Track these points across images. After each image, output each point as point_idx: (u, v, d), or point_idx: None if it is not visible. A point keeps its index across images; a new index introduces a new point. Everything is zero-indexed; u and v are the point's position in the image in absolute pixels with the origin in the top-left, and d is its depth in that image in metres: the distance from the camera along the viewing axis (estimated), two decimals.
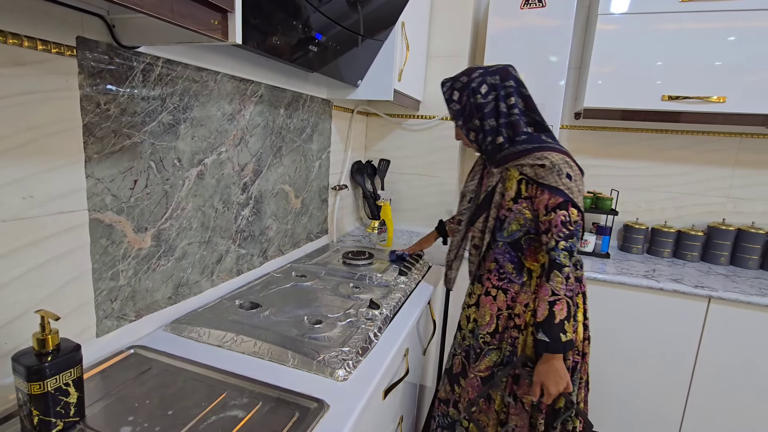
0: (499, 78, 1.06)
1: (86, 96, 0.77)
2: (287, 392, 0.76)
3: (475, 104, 1.06)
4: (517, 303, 1.09)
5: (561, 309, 0.96)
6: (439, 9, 1.97)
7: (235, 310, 1.07)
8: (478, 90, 1.06)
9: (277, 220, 1.45)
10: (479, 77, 1.07)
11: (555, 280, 0.98)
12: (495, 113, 1.06)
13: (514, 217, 1.07)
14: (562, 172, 0.98)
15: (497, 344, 1.12)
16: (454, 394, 1.23)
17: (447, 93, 1.13)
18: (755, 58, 1.52)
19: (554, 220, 0.98)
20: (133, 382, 0.78)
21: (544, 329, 0.97)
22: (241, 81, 1.19)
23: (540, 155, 1.01)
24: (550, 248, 0.99)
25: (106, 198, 0.83)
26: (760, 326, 1.46)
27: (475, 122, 1.08)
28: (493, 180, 1.11)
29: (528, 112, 1.07)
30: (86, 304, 0.83)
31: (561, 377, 0.98)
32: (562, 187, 0.98)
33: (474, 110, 1.07)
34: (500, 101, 1.05)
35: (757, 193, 1.84)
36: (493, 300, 1.13)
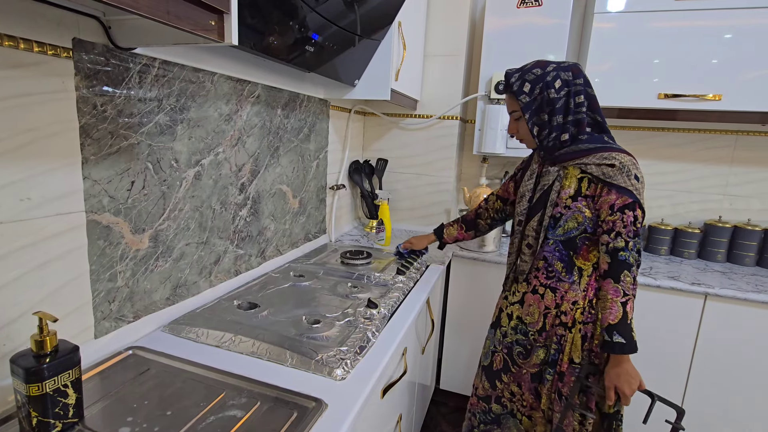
0: (571, 74, 1.04)
1: (83, 98, 0.77)
2: (285, 392, 0.76)
3: (547, 98, 1.04)
4: (565, 301, 1.08)
5: (631, 308, 0.98)
6: (435, 8, 1.97)
7: (234, 311, 1.07)
8: (552, 84, 1.03)
9: (275, 221, 1.46)
10: (554, 71, 1.04)
11: (625, 280, 0.98)
12: (564, 110, 1.04)
13: (572, 215, 1.05)
14: (630, 173, 0.99)
15: (543, 342, 1.12)
16: (496, 390, 1.22)
17: (517, 84, 1.07)
18: (751, 56, 1.53)
19: (624, 220, 0.98)
20: (131, 383, 0.79)
21: (619, 330, 0.97)
22: (238, 81, 1.19)
23: (608, 155, 1.01)
24: (620, 248, 0.98)
25: (103, 199, 0.84)
26: (757, 323, 1.46)
27: (543, 116, 1.05)
28: (549, 178, 1.08)
29: (590, 112, 1.06)
30: (84, 305, 0.83)
31: (633, 377, 0.99)
32: (631, 187, 0.98)
33: (545, 104, 1.05)
34: (571, 98, 1.03)
35: (753, 190, 1.85)
36: (540, 298, 1.12)
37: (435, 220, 2.14)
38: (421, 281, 1.44)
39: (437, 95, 2.04)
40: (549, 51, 1.77)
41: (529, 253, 1.13)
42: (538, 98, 1.05)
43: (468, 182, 2.22)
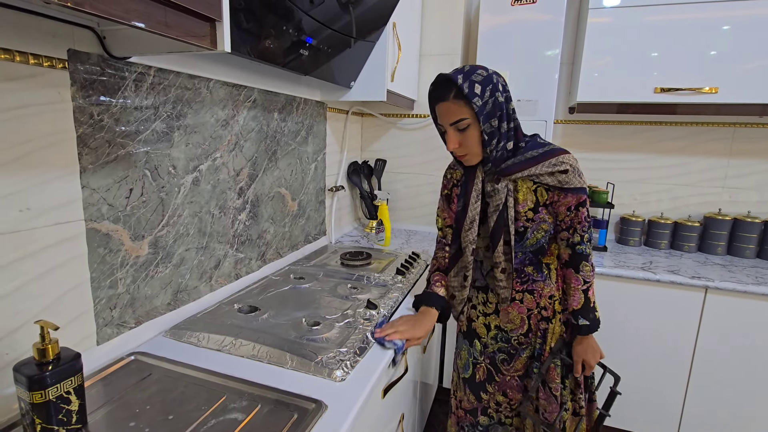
0: (503, 78, 1.00)
1: (79, 108, 0.78)
2: (286, 394, 0.77)
3: (497, 102, 0.96)
4: (543, 297, 1.10)
5: (592, 293, 1.07)
6: (430, 8, 1.97)
7: (234, 314, 1.08)
8: (498, 87, 0.96)
9: (275, 224, 1.46)
10: (495, 74, 0.98)
11: (584, 269, 1.06)
12: (507, 116, 0.99)
13: (537, 227, 1.04)
14: (580, 172, 1.02)
15: (529, 342, 1.14)
16: (482, 402, 1.21)
17: (468, 85, 0.94)
18: (748, 48, 1.52)
19: (579, 216, 1.03)
20: (134, 388, 0.80)
21: (582, 314, 1.06)
22: (234, 87, 1.20)
23: (555, 161, 0.99)
24: (577, 242, 1.05)
25: (102, 207, 0.85)
26: (757, 315, 1.46)
27: (494, 122, 0.97)
28: (500, 196, 1.02)
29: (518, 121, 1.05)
30: (86, 312, 0.84)
31: (596, 350, 1.10)
32: (583, 185, 1.02)
33: (496, 109, 0.97)
34: (509, 104, 0.99)
35: (752, 182, 1.85)
36: (520, 303, 1.11)
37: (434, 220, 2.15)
38: (420, 281, 1.45)
39: None
40: (544, 48, 1.77)
41: (505, 278, 1.08)
42: (489, 102, 0.95)
43: None
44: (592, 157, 2.04)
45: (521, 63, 1.82)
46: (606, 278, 1.61)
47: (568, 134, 2.06)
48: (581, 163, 1.25)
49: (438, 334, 1.86)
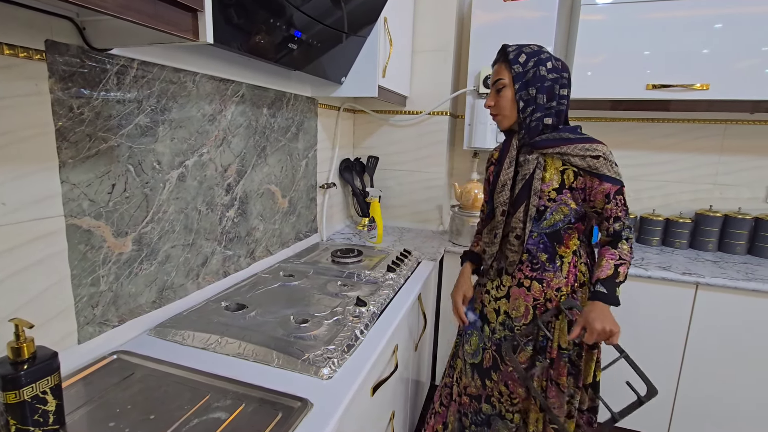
0: (561, 65, 1.06)
1: (58, 100, 0.76)
2: (271, 392, 0.76)
3: (538, 74, 1.03)
4: (550, 289, 1.11)
5: (623, 272, 1.03)
6: (422, 4, 1.96)
7: (221, 312, 1.07)
8: (545, 63, 1.04)
9: (264, 221, 1.45)
10: (548, 54, 1.06)
11: (622, 247, 1.05)
12: (550, 93, 1.04)
13: (558, 208, 1.07)
14: (612, 162, 1.04)
15: (532, 333, 1.14)
16: (486, 389, 1.21)
17: (514, 53, 1.06)
18: (739, 45, 1.52)
19: (618, 205, 1.04)
20: (115, 388, 0.78)
21: (604, 283, 1.02)
22: (221, 81, 1.18)
23: (589, 147, 1.03)
24: (619, 229, 1.05)
25: (83, 203, 0.83)
26: (747, 310, 1.47)
27: (531, 91, 1.04)
28: (529, 167, 1.07)
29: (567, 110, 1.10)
30: (66, 310, 0.82)
31: (606, 319, 1.00)
32: (616, 176, 1.03)
33: (535, 79, 1.03)
34: (556, 85, 1.04)
35: (743, 179, 1.85)
36: (527, 291, 1.13)
37: (427, 217, 2.14)
38: (412, 278, 1.44)
39: (426, 91, 2.04)
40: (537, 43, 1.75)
41: (518, 244, 1.12)
42: (530, 71, 1.04)
43: (459, 178, 2.21)
44: None
45: None
46: None
47: None
48: None
49: (431, 332, 1.85)
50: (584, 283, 1.12)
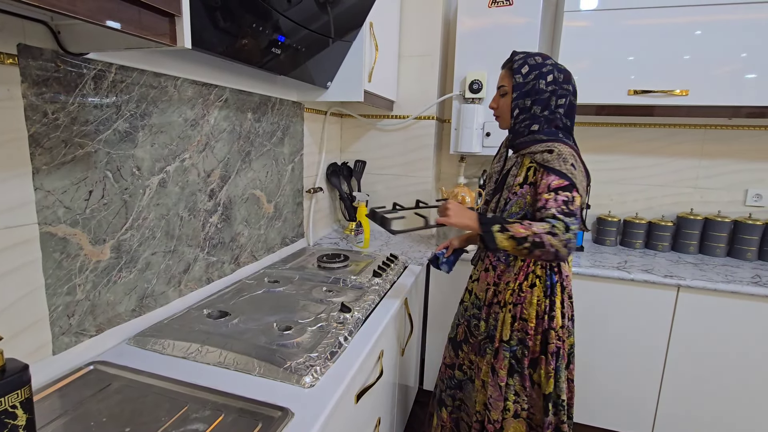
0: (563, 78, 1.12)
1: (31, 105, 0.75)
2: (251, 402, 0.75)
3: (537, 87, 1.10)
4: (501, 281, 1.18)
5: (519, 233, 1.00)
6: (408, 9, 1.97)
7: (203, 320, 1.05)
8: (545, 76, 1.10)
9: (249, 226, 1.43)
10: (551, 66, 1.11)
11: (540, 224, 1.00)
12: (545, 104, 1.11)
13: (516, 200, 1.13)
14: (567, 160, 1.05)
15: (485, 317, 1.22)
16: (458, 358, 1.33)
17: (519, 62, 1.13)
18: (718, 52, 1.56)
19: (557, 199, 1.02)
20: (91, 400, 0.76)
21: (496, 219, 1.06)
22: (204, 86, 1.16)
23: (550, 145, 1.08)
24: (548, 216, 1.01)
25: (58, 210, 0.81)
26: (727, 311, 1.50)
27: (527, 102, 1.12)
28: (509, 164, 1.19)
29: (565, 117, 1.14)
30: (40, 321, 0.80)
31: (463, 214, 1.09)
32: (566, 172, 1.04)
33: (533, 92, 1.11)
34: (554, 96, 1.10)
35: (722, 183, 1.89)
36: (486, 275, 1.23)
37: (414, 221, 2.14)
38: (398, 282, 1.44)
39: (413, 96, 2.04)
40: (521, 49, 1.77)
41: None
42: (530, 83, 1.11)
43: (446, 182, 2.22)
44: None
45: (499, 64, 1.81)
46: (582, 278, 1.62)
47: None
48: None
49: (418, 336, 1.85)
50: (535, 284, 1.12)
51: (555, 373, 1.13)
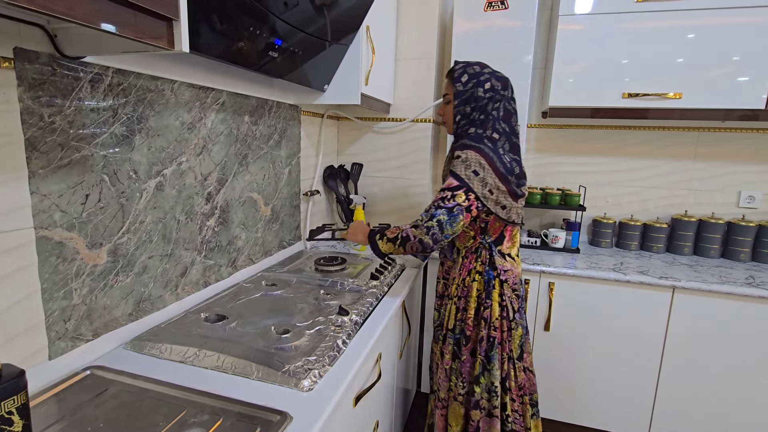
0: (501, 85, 1.21)
1: (27, 109, 0.74)
2: (249, 406, 0.75)
3: (475, 95, 1.21)
4: (450, 276, 1.32)
5: (392, 234, 1.22)
6: (405, 12, 1.98)
7: (200, 324, 1.05)
8: (482, 84, 1.21)
9: (246, 229, 1.43)
10: (488, 75, 1.22)
11: (410, 223, 1.21)
12: (483, 110, 1.21)
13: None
14: (470, 166, 1.15)
15: (437, 307, 1.38)
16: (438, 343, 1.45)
17: (459, 71, 1.24)
18: (710, 56, 1.58)
19: (438, 195, 1.17)
20: (87, 405, 0.75)
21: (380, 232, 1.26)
22: (201, 89, 1.16)
23: (463, 151, 1.17)
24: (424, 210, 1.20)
25: (54, 214, 0.80)
26: (722, 312, 1.51)
27: (467, 109, 1.23)
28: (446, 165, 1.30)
29: (500, 122, 1.22)
30: (36, 325, 0.79)
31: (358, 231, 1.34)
32: (463, 176, 1.15)
33: (471, 99, 1.22)
34: (491, 102, 1.20)
35: (716, 185, 1.91)
36: (439, 270, 1.38)
37: None
38: (395, 285, 1.44)
39: (410, 98, 2.05)
40: (517, 53, 1.79)
41: None
42: (469, 91, 1.22)
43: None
44: (565, 160, 2.08)
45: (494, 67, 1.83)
46: (579, 280, 1.63)
47: (542, 138, 2.09)
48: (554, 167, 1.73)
49: (415, 339, 1.85)
50: (475, 279, 1.24)
51: (487, 360, 1.23)
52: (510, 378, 1.26)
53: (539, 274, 1.68)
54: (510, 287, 1.25)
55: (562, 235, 1.89)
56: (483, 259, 1.24)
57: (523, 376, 1.29)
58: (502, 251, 1.25)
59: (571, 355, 1.70)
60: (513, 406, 1.26)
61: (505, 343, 1.24)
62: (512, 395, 1.26)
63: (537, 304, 1.70)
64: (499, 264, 1.24)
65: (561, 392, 1.74)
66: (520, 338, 1.27)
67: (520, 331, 1.27)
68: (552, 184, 2.10)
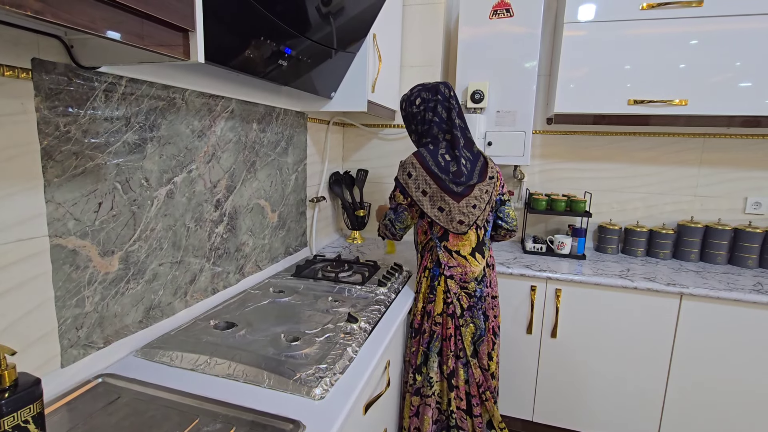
0: (430, 94, 1.32)
1: (44, 119, 0.75)
2: (262, 414, 0.75)
3: (411, 113, 1.36)
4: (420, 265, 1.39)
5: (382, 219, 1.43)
6: (410, 20, 1.99)
7: (210, 331, 1.05)
8: (414, 102, 1.35)
9: (254, 236, 1.43)
10: (417, 92, 1.35)
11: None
12: (422, 122, 1.34)
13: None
14: (405, 169, 1.29)
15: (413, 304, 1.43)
16: None
17: (400, 102, 1.42)
18: (714, 62, 1.58)
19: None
20: (100, 413, 0.75)
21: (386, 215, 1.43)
22: (211, 97, 1.17)
23: (410, 155, 1.30)
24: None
25: (68, 222, 0.81)
26: (730, 319, 1.50)
27: (411, 126, 1.39)
28: None
29: (447, 122, 1.31)
30: (49, 333, 0.80)
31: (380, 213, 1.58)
32: (401, 180, 1.29)
33: (411, 117, 1.37)
34: (427, 112, 1.32)
35: (722, 191, 1.91)
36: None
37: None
38: (403, 291, 1.44)
39: None
40: (522, 60, 1.80)
41: None
42: (406, 113, 1.39)
43: None
44: (571, 166, 2.08)
45: (500, 74, 1.85)
46: (585, 286, 1.63)
47: (547, 145, 2.10)
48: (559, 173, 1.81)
49: None
50: (426, 275, 1.34)
51: (425, 351, 1.32)
52: (457, 376, 1.31)
53: (546, 281, 1.67)
54: (457, 284, 1.30)
55: (567, 241, 1.89)
56: (434, 257, 1.33)
57: (480, 373, 1.32)
58: (448, 247, 1.31)
59: (579, 362, 1.69)
60: (459, 404, 1.31)
61: (450, 339, 1.30)
62: (459, 393, 1.31)
63: (544, 311, 1.70)
64: (444, 260, 1.30)
65: (568, 398, 1.73)
66: (472, 335, 1.31)
67: (472, 329, 1.31)
68: (557, 190, 2.10)
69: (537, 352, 1.74)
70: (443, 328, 1.31)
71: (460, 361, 1.31)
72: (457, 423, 1.32)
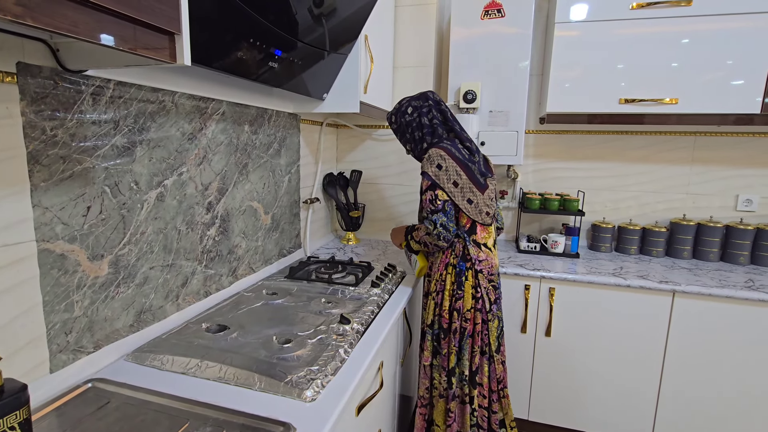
0: (420, 101, 1.36)
1: (30, 123, 0.75)
2: (252, 417, 0.74)
3: (405, 122, 1.38)
4: (431, 273, 1.37)
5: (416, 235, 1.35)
6: (402, 21, 2.00)
7: (202, 334, 1.04)
8: (406, 110, 1.38)
9: (246, 238, 1.43)
10: (406, 102, 1.39)
11: (420, 228, 1.32)
12: (419, 126, 1.35)
13: (421, 206, 1.33)
14: (434, 162, 1.25)
15: (424, 306, 1.42)
16: None
17: (388, 116, 1.44)
18: (704, 61, 1.59)
19: (424, 200, 1.28)
20: (89, 418, 0.75)
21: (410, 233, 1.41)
22: (201, 99, 1.17)
23: (426, 152, 1.29)
24: (422, 218, 1.30)
25: (56, 227, 0.80)
26: (722, 316, 1.51)
27: (407, 135, 1.39)
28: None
29: (446, 123, 1.35)
30: (38, 338, 0.79)
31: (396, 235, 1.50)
32: (430, 173, 1.25)
33: (405, 126, 1.38)
34: (423, 117, 1.34)
35: (713, 189, 1.92)
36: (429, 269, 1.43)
37: None
38: (396, 292, 1.44)
39: None
40: (514, 60, 1.81)
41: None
42: (399, 123, 1.40)
43: None
44: (563, 166, 2.09)
45: (492, 75, 1.85)
46: (579, 285, 1.64)
47: (540, 144, 2.11)
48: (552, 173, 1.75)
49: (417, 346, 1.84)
50: (450, 272, 1.32)
51: (458, 350, 1.29)
52: (482, 372, 1.30)
53: (539, 280, 1.68)
54: (486, 278, 1.30)
55: (561, 240, 1.90)
56: (457, 252, 1.30)
57: (501, 368, 1.33)
58: (477, 240, 1.30)
59: (573, 360, 1.70)
60: (482, 401, 1.30)
61: (477, 335, 1.28)
62: (483, 390, 1.30)
63: (538, 310, 1.70)
64: (473, 254, 1.29)
65: (563, 397, 1.74)
66: (497, 330, 1.31)
67: (497, 323, 1.31)
68: (550, 189, 2.11)
69: (531, 351, 1.74)
70: (472, 324, 1.29)
71: (484, 357, 1.29)
72: (478, 422, 1.29)
